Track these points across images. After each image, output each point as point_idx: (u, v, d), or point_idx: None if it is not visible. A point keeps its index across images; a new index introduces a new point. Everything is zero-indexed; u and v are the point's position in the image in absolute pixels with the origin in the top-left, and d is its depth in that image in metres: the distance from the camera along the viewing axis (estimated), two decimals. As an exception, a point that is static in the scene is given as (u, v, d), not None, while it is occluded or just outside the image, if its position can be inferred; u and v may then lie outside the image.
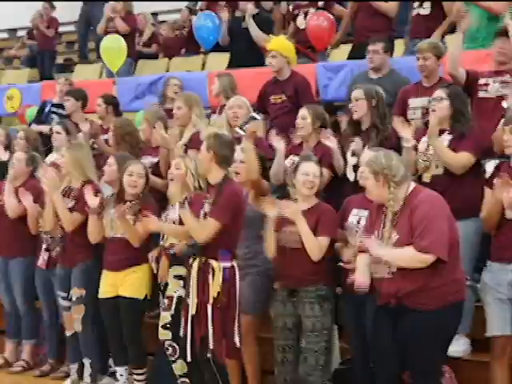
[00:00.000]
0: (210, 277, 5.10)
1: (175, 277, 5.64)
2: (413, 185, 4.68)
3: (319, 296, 5.21)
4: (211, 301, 5.09)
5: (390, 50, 7.16)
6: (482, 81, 6.04)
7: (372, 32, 7.93)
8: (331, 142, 5.91)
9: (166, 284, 5.70)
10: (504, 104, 5.58)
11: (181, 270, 5.54)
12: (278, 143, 6.06)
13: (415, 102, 6.34)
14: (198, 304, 5.13)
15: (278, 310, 5.34)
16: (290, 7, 9.25)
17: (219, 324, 5.09)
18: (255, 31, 8.84)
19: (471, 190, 5.19)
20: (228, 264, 5.13)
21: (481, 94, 6.04)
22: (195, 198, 5.52)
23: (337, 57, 9.05)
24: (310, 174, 5.28)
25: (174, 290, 5.61)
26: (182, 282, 5.53)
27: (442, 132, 5.46)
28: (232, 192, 5.16)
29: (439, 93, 5.54)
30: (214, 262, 5.12)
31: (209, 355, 5.10)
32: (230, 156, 5.26)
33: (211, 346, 5.07)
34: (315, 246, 5.17)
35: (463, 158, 5.35)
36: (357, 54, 8.28)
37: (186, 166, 5.73)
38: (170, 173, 5.87)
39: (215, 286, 5.09)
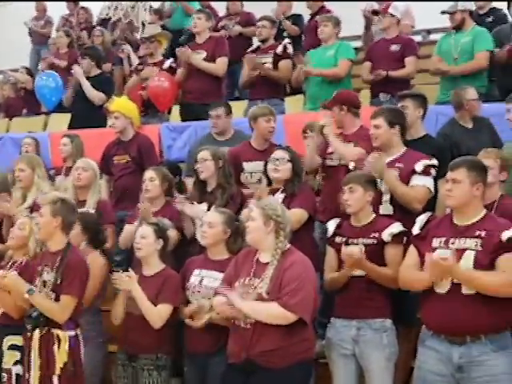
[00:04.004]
0: (55, 347, 4.92)
1: (11, 347, 5.29)
2: (288, 244, 4.72)
3: (158, 364, 5.16)
4: (58, 372, 4.90)
5: (230, 112, 7.26)
6: (330, 149, 6.18)
7: (202, 94, 8.11)
8: (187, 208, 5.89)
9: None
10: (350, 165, 5.75)
11: (16, 340, 5.24)
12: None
13: (250, 166, 6.44)
14: (40, 378, 4.91)
15: (119, 373, 5.27)
16: (133, 67, 9.30)
17: None
18: (89, 91, 8.82)
19: (306, 246, 5.23)
20: (72, 333, 4.98)
21: (327, 162, 6.20)
22: (28, 263, 5.32)
23: (175, 117, 9.15)
24: (137, 237, 5.30)
25: (12, 362, 5.27)
26: (18, 354, 5.23)
27: (275, 191, 5.61)
28: (79, 261, 5.02)
29: (284, 154, 5.70)
30: (58, 332, 4.94)
31: None
32: (74, 222, 5.16)
33: None
34: (154, 315, 5.11)
35: (297, 214, 5.46)
36: (188, 115, 8.44)
37: (31, 228, 5.48)
38: (11, 231, 5.64)
39: (62, 356, 4.91)
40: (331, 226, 5.25)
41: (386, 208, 5.37)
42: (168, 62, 8.85)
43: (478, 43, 7.75)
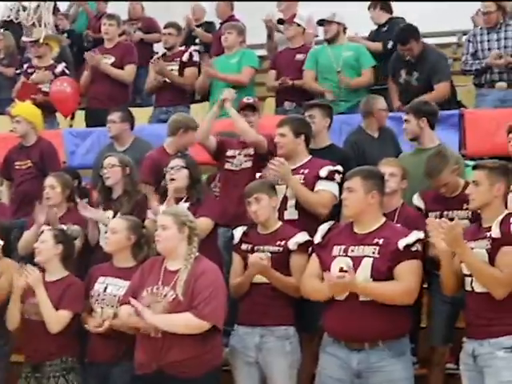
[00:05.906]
0: None
1: None
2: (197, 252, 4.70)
3: (64, 369, 5.08)
4: None
5: (128, 119, 7.20)
6: (229, 152, 6.20)
7: (108, 99, 8.06)
8: (90, 212, 5.83)
9: None
10: (257, 175, 5.78)
11: None
12: (40, 216, 5.84)
13: None
14: None
15: None
16: (23, 70, 9.09)
17: None
18: None
19: (212, 254, 5.22)
20: None
21: (227, 166, 6.21)
22: None
23: (79, 123, 9.05)
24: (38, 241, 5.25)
25: None
26: None
27: (179, 200, 5.60)
28: None
29: (178, 162, 5.69)
30: None
31: None
32: None
33: None
34: (52, 318, 5.04)
35: (204, 223, 5.44)
36: (93, 121, 8.37)
37: None
38: None
39: None
40: (238, 232, 5.26)
41: (291, 213, 5.43)
42: (60, 67, 8.76)
43: (364, 60, 7.98)
